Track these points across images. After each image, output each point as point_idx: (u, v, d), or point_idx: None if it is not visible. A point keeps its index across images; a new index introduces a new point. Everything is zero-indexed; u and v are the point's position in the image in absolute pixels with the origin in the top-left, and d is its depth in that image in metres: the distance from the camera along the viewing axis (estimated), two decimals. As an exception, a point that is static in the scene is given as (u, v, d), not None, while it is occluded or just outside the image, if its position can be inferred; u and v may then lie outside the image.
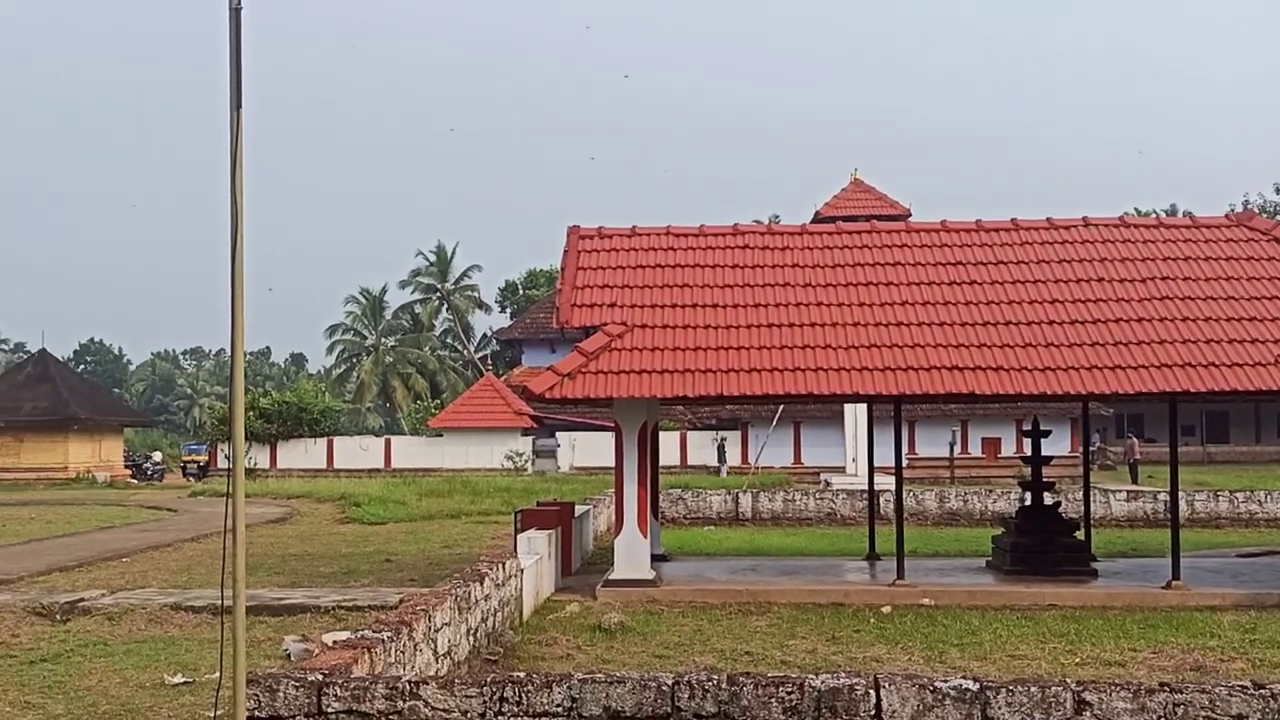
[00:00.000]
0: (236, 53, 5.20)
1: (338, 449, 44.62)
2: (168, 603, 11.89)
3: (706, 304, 13.19)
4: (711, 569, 14.53)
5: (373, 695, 5.36)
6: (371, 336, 72.56)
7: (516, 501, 25.23)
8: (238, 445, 5.49)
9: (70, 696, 8.06)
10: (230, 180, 5.27)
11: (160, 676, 8.69)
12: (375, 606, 11.47)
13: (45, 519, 25.01)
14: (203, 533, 20.94)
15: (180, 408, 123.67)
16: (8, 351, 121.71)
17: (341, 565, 15.92)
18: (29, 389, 44.74)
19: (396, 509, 24.84)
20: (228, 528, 5.52)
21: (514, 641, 9.96)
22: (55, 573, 15.21)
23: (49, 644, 10.03)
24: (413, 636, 7.12)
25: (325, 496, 29.35)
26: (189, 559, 17.04)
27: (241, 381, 5.53)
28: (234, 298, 5.38)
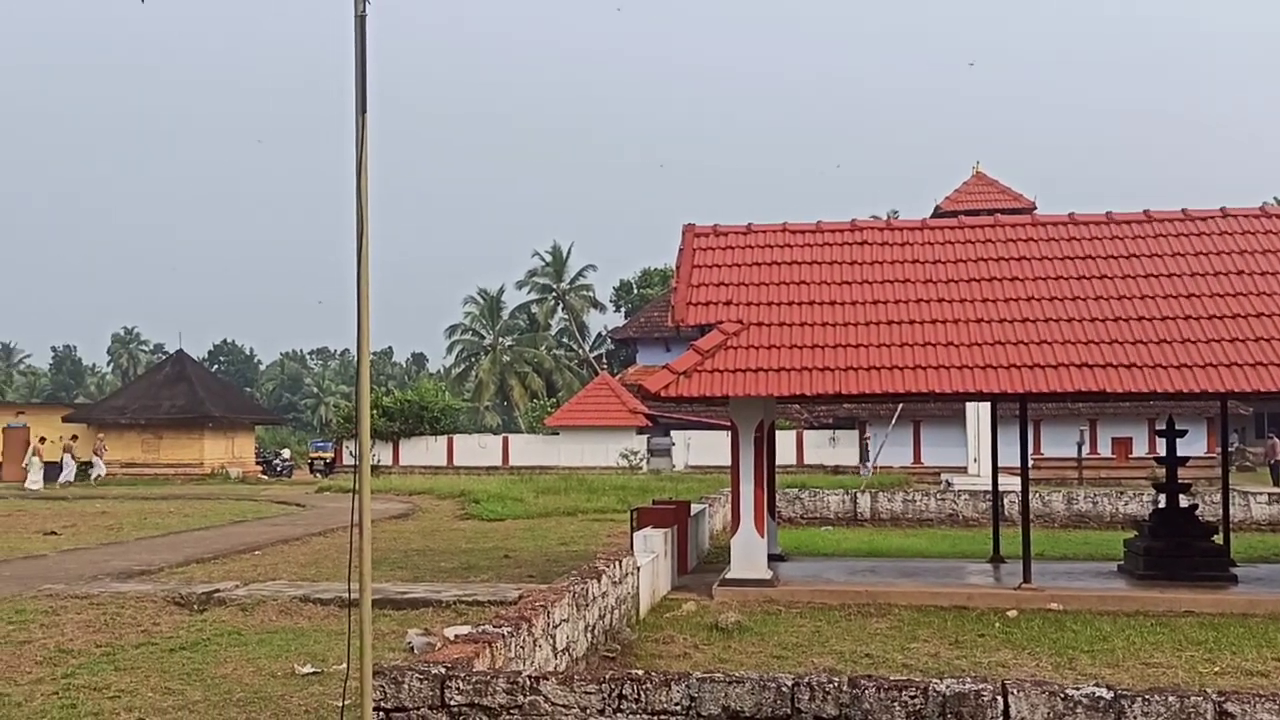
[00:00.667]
0: (362, 59, 5.32)
1: (457, 446, 45.49)
2: (297, 595, 12.25)
3: (824, 301, 13.02)
4: (829, 569, 14.35)
5: (494, 689, 5.42)
6: (489, 336, 73.83)
7: (632, 500, 25.33)
8: (363, 443, 5.62)
9: (207, 684, 8.37)
10: (355, 184, 5.40)
11: (290, 666, 8.96)
12: (495, 602, 11.63)
13: (183, 513, 26.09)
14: (329, 527, 21.56)
15: (307, 406, 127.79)
16: (148, 352, 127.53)
17: (462, 561, 16.21)
18: (167, 388, 46.75)
19: (514, 506, 25.19)
20: (354, 523, 5.65)
21: (631, 639, 9.99)
22: (192, 564, 15.84)
23: (187, 633, 10.42)
24: (532, 632, 7.19)
25: (446, 493, 29.95)
26: (316, 553, 17.56)
27: (367, 381, 5.65)
28: (359, 299, 5.51)
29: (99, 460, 41.70)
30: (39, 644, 9.76)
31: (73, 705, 7.64)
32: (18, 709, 7.55)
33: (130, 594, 12.35)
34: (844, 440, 42.78)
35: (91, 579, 13.74)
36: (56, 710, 7.52)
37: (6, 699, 7.80)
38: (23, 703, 7.71)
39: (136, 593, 12.45)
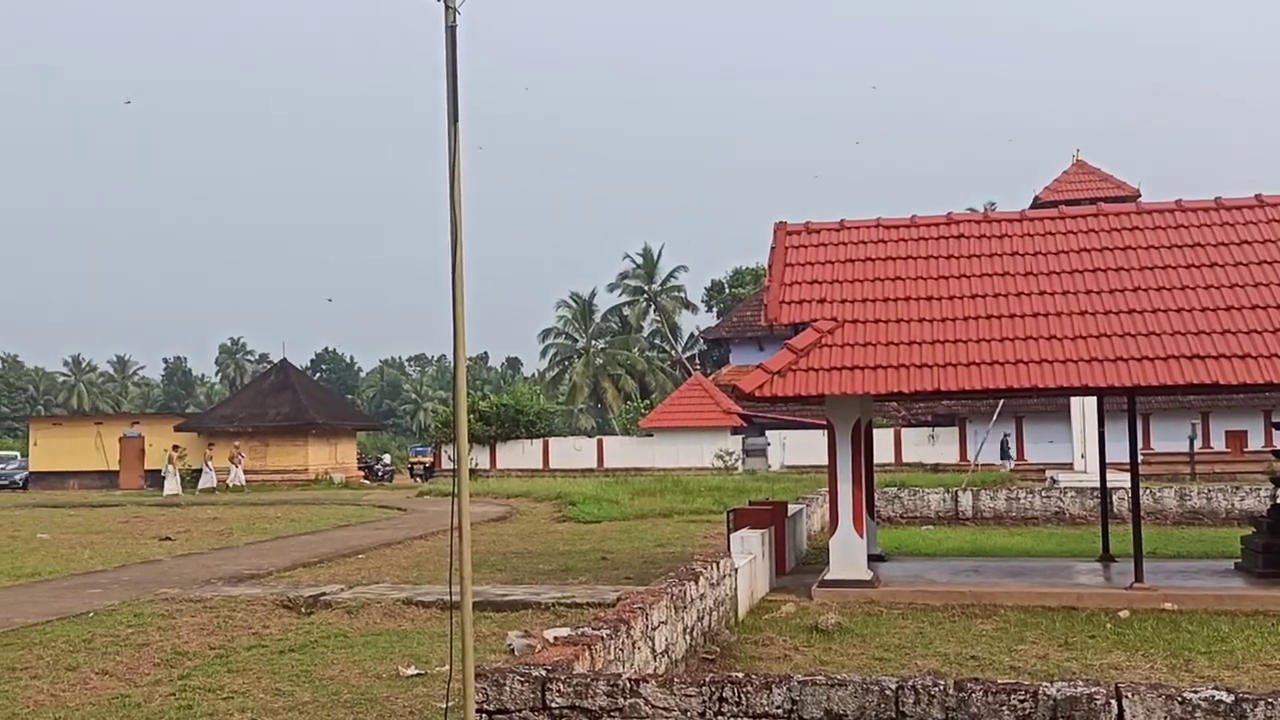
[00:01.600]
0: (452, 69, 5.38)
1: (553, 449, 45.90)
2: (400, 597, 12.47)
3: (921, 296, 12.78)
4: (931, 569, 14.09)
5: (594, 691, 5.43)
6: (582, 339, 74.32)
7: (727, 500, 25.22)
8: (462, 448, 5.68)
9: (315, 685, 8.56)
10: (449, 193, 5.46)
11: (395, 668, 9.12)
12: (593, 604, 11.68)
13: (289, 517, 26.79)
14: (430, 531, 21.93)
15: (406, 412, 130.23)
16: (253, 362, 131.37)
17: (560, 563, 16.32)
18: (273, 396, 48.10)
19: (610, 508, 25.29)
20: (454, 526, 5.71)
21: (730, 641, 9.93)
22: (299, 568, 16.24)
23: (295, 635, 10.68)
24: (631, 634, 7.19)
25: (542, 496, 30.21)
26: (418, 556, 17.86)
27: (464, 386, 5.71)
28: (455, 306, 5.57)
29: (237, 468, 43.08)
30: (156, 646, 10.10)
31: (189, 706, 7.88)
32: (138, 709, 7.82)
33: (241, 597, 12.71)
34: (943, 438, 42.05)
35: (204, 583, 14.18)
36: (174, 711, 7.76)
37: (127, 699, 8.08)
38: (142, 703, 7.98)
39: (247, 596, 12.81)
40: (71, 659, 9.55)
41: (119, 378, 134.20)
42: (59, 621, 11.47)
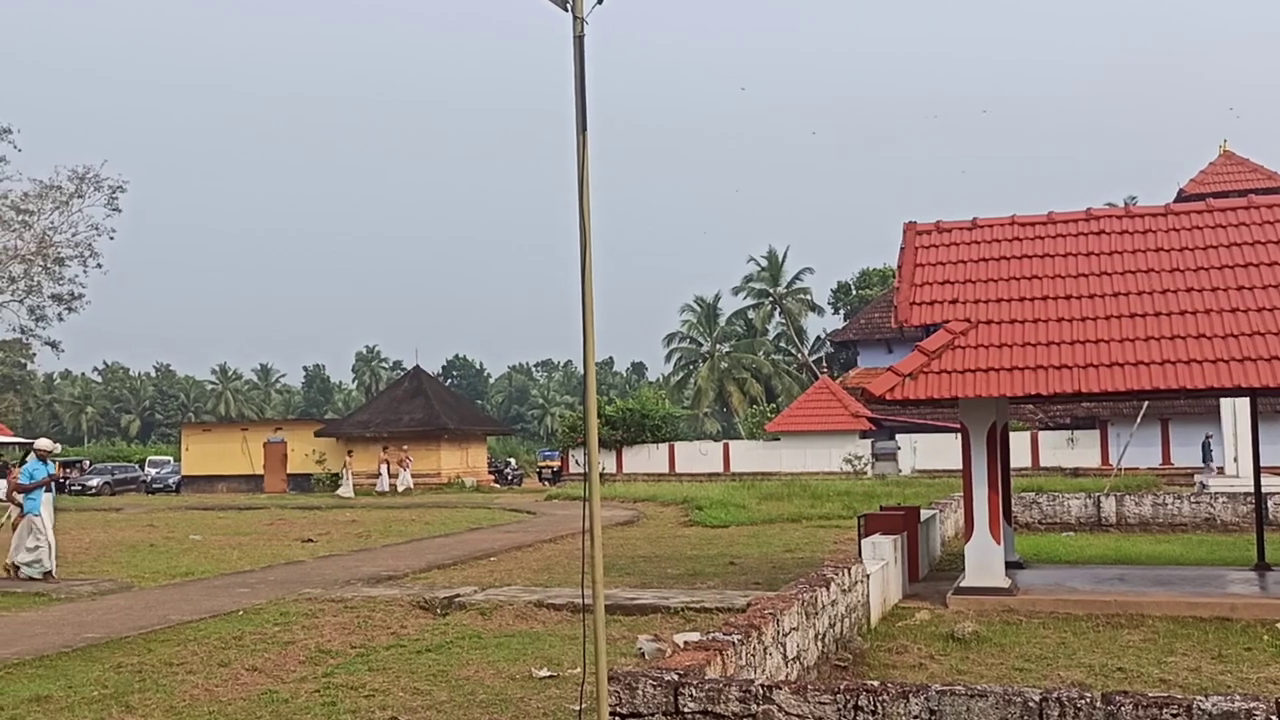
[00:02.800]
0: (581, 79, 5.44)
1: (678, 454, 45.96)
2: (531, 600, 12.65)
3: (1059, 295, 12.35)
4: (1073, 577, 13.60)
5: (727, 697, 5.40)
6: (707, 343, 74.25)
7: (857, 505, 24.85)
8: (592, 452, 5.73)
9: (452, 685, 8.74)
10: (578, 201, 5.52)
11: (528, 669, 9.25)
12: (722, 608, 11.65)
13: (423, 520, 27.47)
14: (559, 534, 22.20)
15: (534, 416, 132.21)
16: (387, 369, 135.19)
17: (687, 567, 16.33)
18: (407, 402, 49.41)
19: (737, 512, 25.20)
20: (585, 529, 5.76)
21: (863, 648, 9.78)
22: (434, 570, 16.64)
23: (431, 635, 10.94)
24: (762, 640, 7.14)
25: (669, 500, 30.29)
26: (548, 559, 18.10)
27: (594, 391, 5.76)
28: (584, 313, 5.62)
29: (405, 472, 44.51)
30: (301, 644, 10.46)
31: (333, 703, 8.14)
32: (285, 705, 8.11)
33: (380, 598, 13.08)
34: (1083, 441, 40.61)
35: (345, 584, 14.64)
36: (319, 707, 8.03)
37: (276, 695, 8.39)
38: (289, 699, 8.28)
39: (385, 597, 13.17)
40: (223, 655, 9.96)
41: (263, 385, 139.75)
42: (211, 619, 11.99)
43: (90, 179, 54.02)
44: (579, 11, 5.42)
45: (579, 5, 5.44)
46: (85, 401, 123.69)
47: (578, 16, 5.42)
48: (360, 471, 46.31)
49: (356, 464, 45.50)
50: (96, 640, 10.69)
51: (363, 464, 46.61)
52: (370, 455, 46.55)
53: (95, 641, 10.63)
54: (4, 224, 52.73)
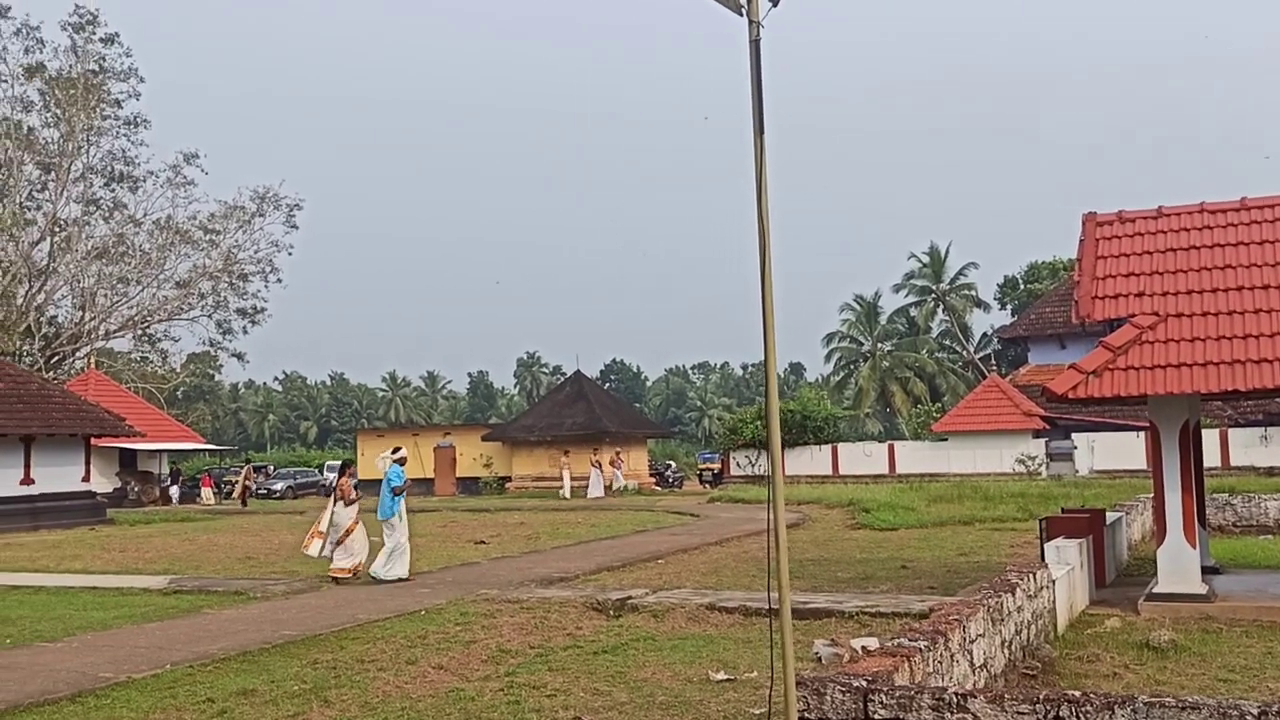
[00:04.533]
0: (757, 82, 5.43)
1: (842, 455, 45.29)
2: (703, 602, 12.68)
3: (1256, 286, 11.62)
4: (1276, 583, 12.80)
5: (919, 705, 5.29)
6: (868, 342, 73.05)
7: (1032, 508, 24.00)
8: (775, 454, 5.70)
9: (630, 686, 8.84)
10: (756, 204, 5.50)
11: (704, 672, 9.27)
12: (898, 613, 11.43)
13: (589, 523, 27.85)
14: (725, 537, 22.18)
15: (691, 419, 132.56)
16: (547, 374, 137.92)
17: (858, 571, 16.08)
18: (568, 407, 50.27)
19: (906, 515, 24.67)
20: (769, 527, 5.74)
21: (1051, 656, 9.43)
22: (603, 572, 16.85)
23: (607, 637, 11.08)
24: (949, 646, 6.97)
25: (834, 502, 29.89)
26: (715, 561, 18.10)
27: (775, 393, 5.73)
28: (765, 315, 5.60)
29: (619, 473, 45.60)
30: (482, 644, 10.75)
31: (517, 701, 8.33)
32: (472, 703, 8.36)
33: (554, 599, 13.34)
34: (1276, 438, 38.15)
35: (519, 585, 14.98)
36: (504, 705, 8.23)
37: (462, 693, 8.65)
38: (475, 697, 8.52)
39: (559, 598, 13.42)
40: (410, 653, 10.33)
41: (430, 392, 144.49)
42: (396, 618, 12.44)
43: (270, 198, 57.13)
44: (754, 15, 5.41)
45: (754, 9, 5.43)
46: (267, 410, 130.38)
47: (753, 20, 5.41)
48: (525, 475, 47.34)
49: (526, 467, 46.57)
50: (293, 637, 11.24)
51: (529, 467, 47.63)
52: (536, 458, 47.52)
53: (292, 638, 11.17)
54: (194, 244, 56.18)
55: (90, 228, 54.57)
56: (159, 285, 55.89)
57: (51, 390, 36.77)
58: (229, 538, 25.07)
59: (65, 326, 55.45)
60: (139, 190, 55.50)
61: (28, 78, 51.77)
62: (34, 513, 32.56)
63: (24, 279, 52.43)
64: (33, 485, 33.35)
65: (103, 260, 54.38)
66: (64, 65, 52.22)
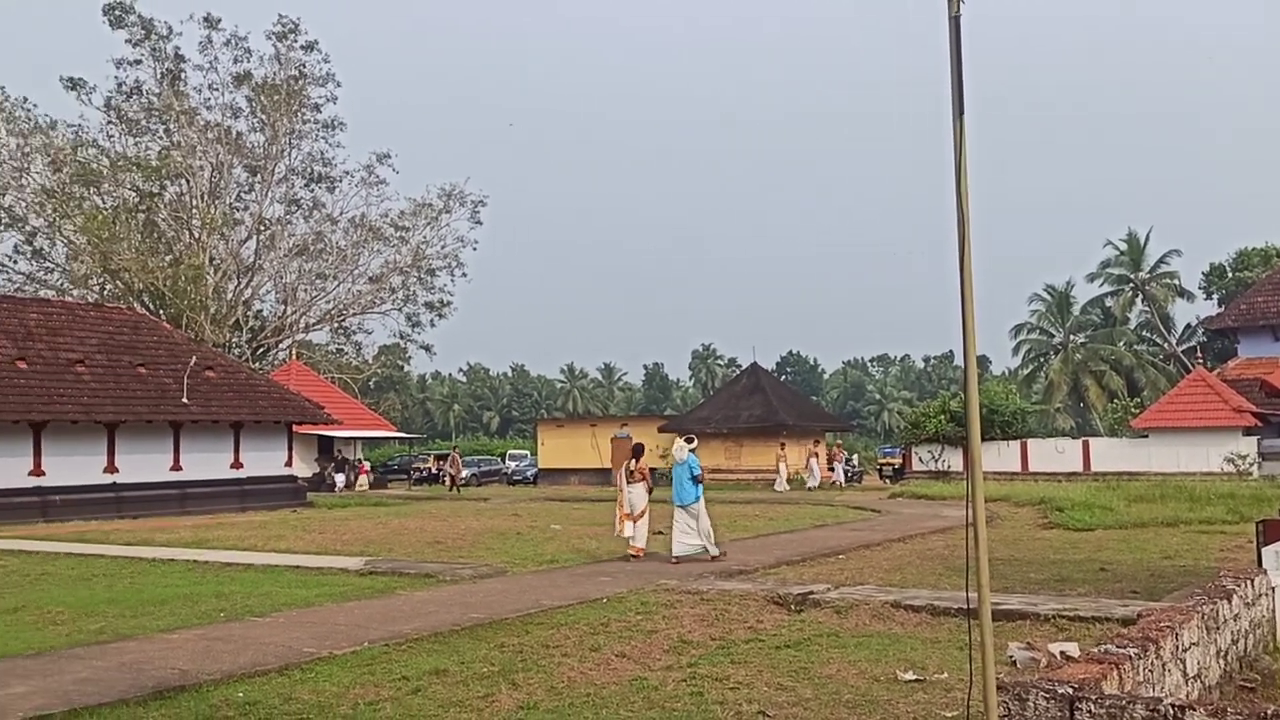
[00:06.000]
0: (957, 60, 5.20)
1: (1031, 451, 43.54)
2: (887, 600, 12.37)
3: None
4: None
5: (1131, 715, 4.98)
6: (1059, 334, 70.06)
7: (1243, 510, 22.54)
8: (974, 448, 5.46)
9: (814, 682, 8.68)
10: (955, 188, 5.27)
11: (892, 671, 9.02)
12: (1098, 618, 10.87)
13: (767, 516, 27.68)
14: (908, 534, 21.64)
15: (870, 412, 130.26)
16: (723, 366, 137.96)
17: (1052, 572, 15.40)
18: (745, 399, 50.08)
19: (1103, 515, 23.51)
20: (969, 523, 5.51)
21: (1272, 669, 8.77)
22: (783, 566, 16.68)
23: (789, 631, 10.94)
24: (1160, 654, 6.56)
25: (1023, 500, 28.78)
26: (898, 558, 17.67)
27: (975, 386, 5.49)
28: (964, 304, 5.37)
29: (840, 467, 45.79)
30: (663, 634, 10.79)
31: (700, 693, 8.30)
32: (655, 692, 8.38)
33: (734, 592, 13.28)
34: None
35: (699, 576, 14.98)
36: (687, 696, 8.22)
37: (645, 682, 8.69)
38: (658, 686, 8.54)
39: (739, 591, 13.35)
40: (593, 640, 10.45)
41: (606, 383, 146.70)
42: (579, 605, 12.63)
43: (456, 195, 59.11)
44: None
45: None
46: (452, 400, 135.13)
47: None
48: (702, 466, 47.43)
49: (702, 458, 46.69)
50: (481, 620, 11.55)
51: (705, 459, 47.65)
52: (712, 450, 47.53)
53: (480, 622, 11.48)
54: (385, 240, 58.68)
55: (292, 226, 57.78)
56: (353, 280, 58.69)
57: (258, 380, 39.08)
58: (418, 523, 26.04)
59: (269, 320, 58.86)
60: (336, 190, 58.39)
61: (236, 86, 55.12)
62: (242, 495, 34.71)
63: (233, 275, 55.92)
64: (241, 469, 35.53)
65: (303, 257, 57.45)
66: (268, 73, 55.38)
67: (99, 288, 53.02)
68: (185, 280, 50.76)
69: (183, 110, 53.70)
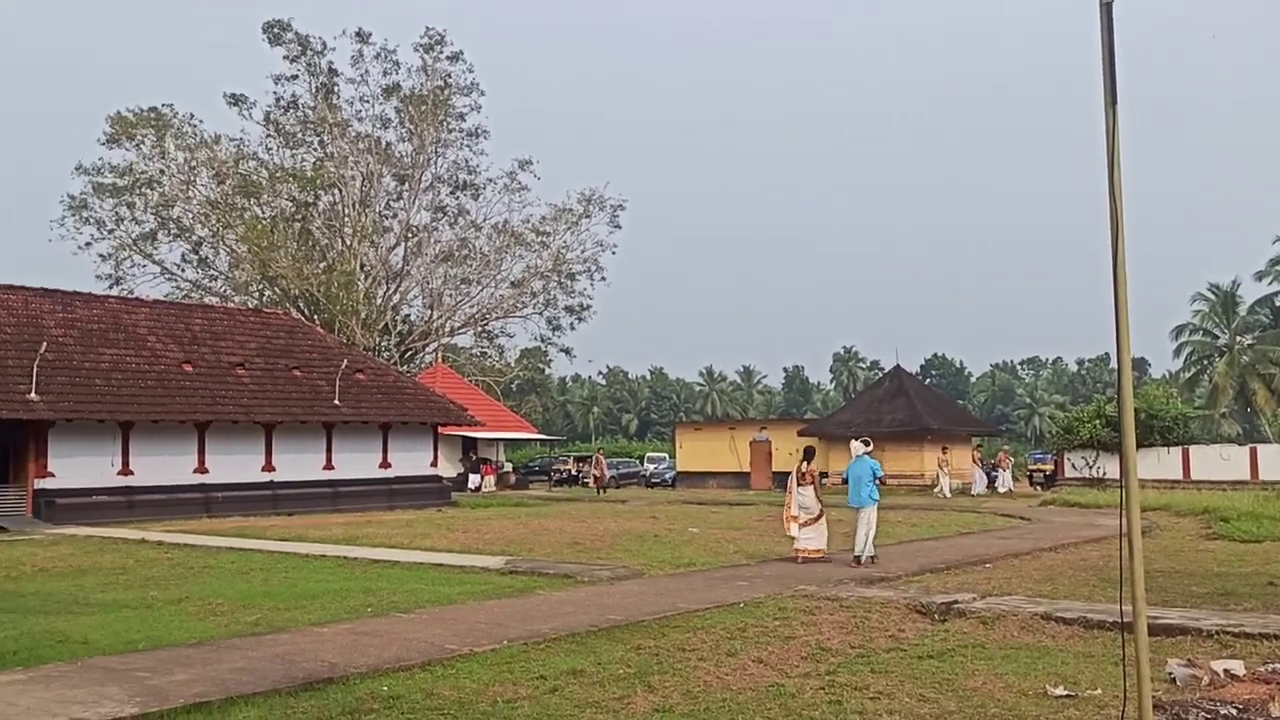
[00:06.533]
0: (1109, 49, 4.95)
1: (1194, 458, 41.43)
2: (1036, 611, 11.92)
3: None
4: None
5: (1304, 744, 4.65)
6: (1224, 335, 66.59)
7: None
8: (1129, 456, 5.19)
9: (959, 695, 8.40)
10: (1108, 182, 5.02)
11: (1042, 686, 8.66)
12: (1266, 635, 10.25)
13: (910, 523, 27.06)
14: (1060, 543, 20.86)
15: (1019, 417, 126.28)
16: (865, 369, 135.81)
17: (1215, 586, 14.59)
18: (887, 402, 49.13)
19: (1272, 526, 22.19)
20: (1122, 533, 5.24)
21: None
22: (926, 574, 16.27)
23: (931, 641, 10.63)
24: (1337, 678, 6.11)
25: (1185, 509, 27.41)
26: (1049, 568, 17.03)
27: (1129, 388, 5.21)
28: (1116, 303, 5.11)
29: (1004, 474, 44.83)
30: (801, 640, 10.63)
31: (839, 702, 8.14)
32: (792, 699, 8.25)
33: (875, 599, 13.00)
34: None
35: (838, 583, 14.73)
36: (826, 704, 8.06)
37: (782, 689, 8.57)
38: (795, 694, 8.41)
39: (880, 598, 13.06)
40: (729, 645, 10.36)
41: (745, 386, 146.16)
42: (715, 609, 12.55)
43: (596, 200, 59.80)
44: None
45: (1106, -34, 4.95)
46: (591, 402, 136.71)
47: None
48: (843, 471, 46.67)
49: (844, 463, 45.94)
50: (617, 622, 11.59)
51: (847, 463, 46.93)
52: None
53: (616, 623, 11.53)
54: (527, 245, 59.77)
55: (438, 233, 59.43)
56: (496, 285, 59.97)
57: (405, 382, 40.29)
58: (558, 523, 26.39)
59: (416, 324, 60.64)
60: (479, 197, 59.75)
61: (386, 97, 57.00)
62: (390, 494, 35.82)
63: (382, 281, 57.82)
64: (389, 469, 36.67)
65: (448, 263, 59.01)
66: (416, 84, 57.07)
67: (258, 294, 55.58)
68: (338, 286, 52.74)
69: (336, 122, 55.82)
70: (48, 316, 31.82)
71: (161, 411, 30.76)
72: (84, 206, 53.30)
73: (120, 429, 30.29)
